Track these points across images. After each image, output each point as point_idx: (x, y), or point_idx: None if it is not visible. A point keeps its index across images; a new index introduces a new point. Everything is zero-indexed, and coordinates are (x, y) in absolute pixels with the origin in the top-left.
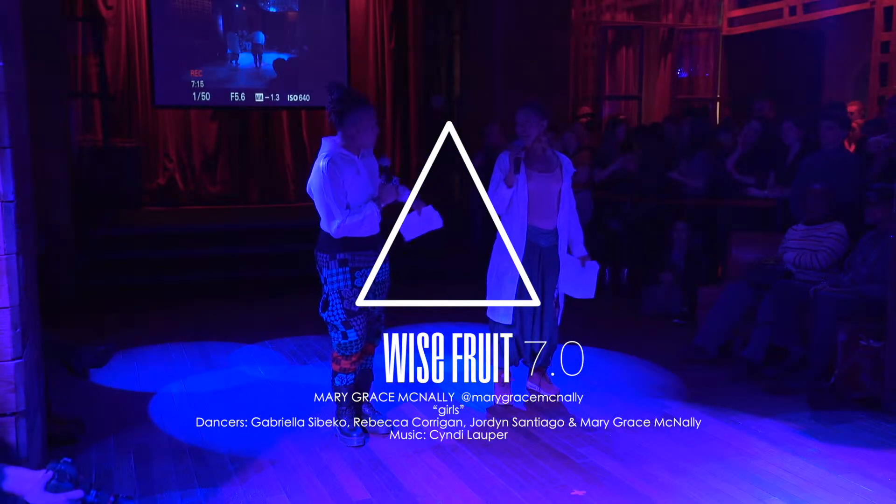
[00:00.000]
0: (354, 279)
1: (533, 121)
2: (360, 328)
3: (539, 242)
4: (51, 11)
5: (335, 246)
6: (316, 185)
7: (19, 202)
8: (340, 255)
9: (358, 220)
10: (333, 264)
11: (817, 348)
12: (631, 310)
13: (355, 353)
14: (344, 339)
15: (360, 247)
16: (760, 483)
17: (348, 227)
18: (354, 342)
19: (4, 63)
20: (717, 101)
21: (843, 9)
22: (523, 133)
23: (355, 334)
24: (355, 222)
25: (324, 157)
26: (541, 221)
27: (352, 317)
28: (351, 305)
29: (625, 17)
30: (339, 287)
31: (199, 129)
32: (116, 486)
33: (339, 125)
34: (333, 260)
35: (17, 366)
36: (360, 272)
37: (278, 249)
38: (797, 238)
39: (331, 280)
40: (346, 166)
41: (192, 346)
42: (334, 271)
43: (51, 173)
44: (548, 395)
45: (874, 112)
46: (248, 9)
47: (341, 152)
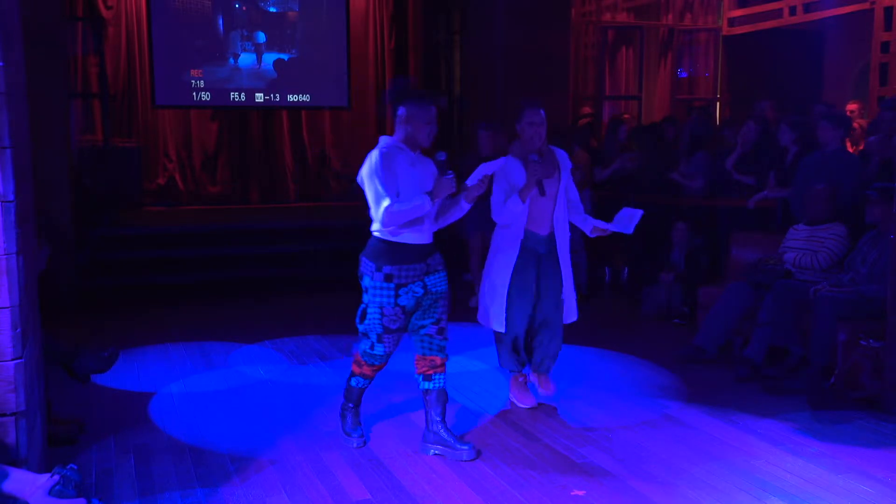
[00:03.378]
0: (399, 297)
1: (545, 122)
2: (391, 345)
3: (537, 249)
4: (51, 11)
5: (382, 256)
6: (366, 171)
7: (19, 202)
8: (387, 269)
9: (408, 208)
10: (378, 277)
11: (817, 348)
12: (631, 310)
13: (378, 364)
14: (371, 349)
15: (409, 259)
16: (760, 483)
17: (397, 214)
18: (381, 356)
19: (4, 63)
20: (717, 101)
21: (843, 9)
22: (537, 135)
23: (383, 349)
24: (405, 210)
25: (377, 147)
26: (539, 228)
27: (387, 333)
28: (390, 323)
29: (625, 17)
30: (382, 303)
31: (199, 129)
32: (116, 486)
33: (396, 120)
34: (379, 272)
35: (17, 366)
36: (406, 289)
37: (278, 249)
38: (798, 238)
39: (373, 293)
40: (401, 157)
41: (192, 346)
42: (378, 285)
43: (51, 173)
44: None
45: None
46: (248, 9)
47: (397, 145)
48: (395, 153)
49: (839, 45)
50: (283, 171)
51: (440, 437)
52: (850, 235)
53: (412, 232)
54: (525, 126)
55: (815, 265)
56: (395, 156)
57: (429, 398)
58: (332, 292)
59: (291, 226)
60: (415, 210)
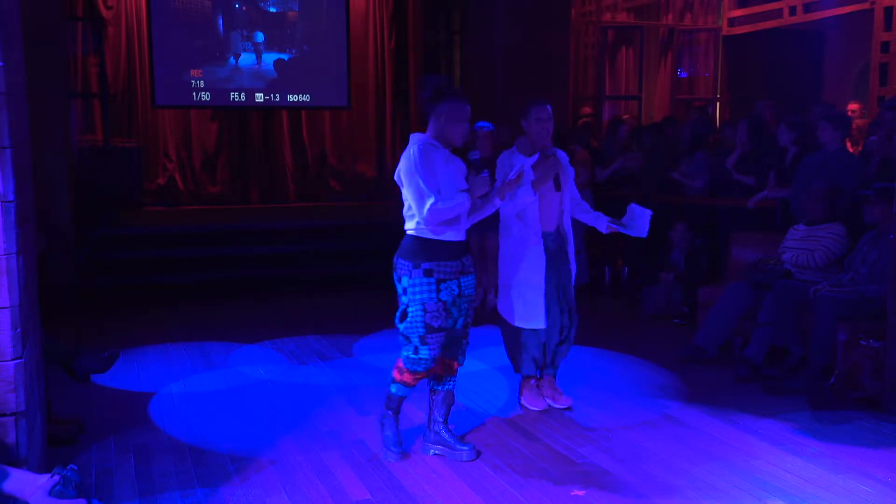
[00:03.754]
0: (440, 291)
1: (552, 118)
2: (435, 347)
3: (548, 246)
4: (51, 11)
5: (420, 254)
6: (406, 168)
7: (19, 202)
8: (426, 265)
9: (451, 206)
10: (417, 273)
11: (817, 348)
12: (631, 310)
13: (422, 371)
14: (414, 353)
15: (447, 256)
16: (760, 483)
17: (440, 212)
18: (424, 360)
19: (4, 63)
20: (717, 101)
21: (843, 9)
22: (545, 130)
23: (428, 353)
24: (447, 208)
25: (414, 143)
26: (547, 224)
27: (430, 333)
28: (433, 320)
29: (625, 17)
30: (423, 299)
31: (199, 129)
32: (116, 486)
33: (431, 116)
34: (417, 269)
35: (17, 366)
36: (445, 284)
37: (278, 249)
38: (797, 238)
39: (413, 291)
40: (437, 154)
41: (192, 346)
42: (418, 281)
43: (51, 173)
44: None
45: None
46: (248, 9)
47: (431, 142)
48: (432, 150)
49: (839, 45)
50: (283, 171)
51: (441, 438)
52: (850, 235)
53: (450, 229)
54: (532, 122)
55: (812, 264)
56: (433, 153)
57: (436, 398)
58: (331, 292)
59: (291, 226)
60: (456, 208)
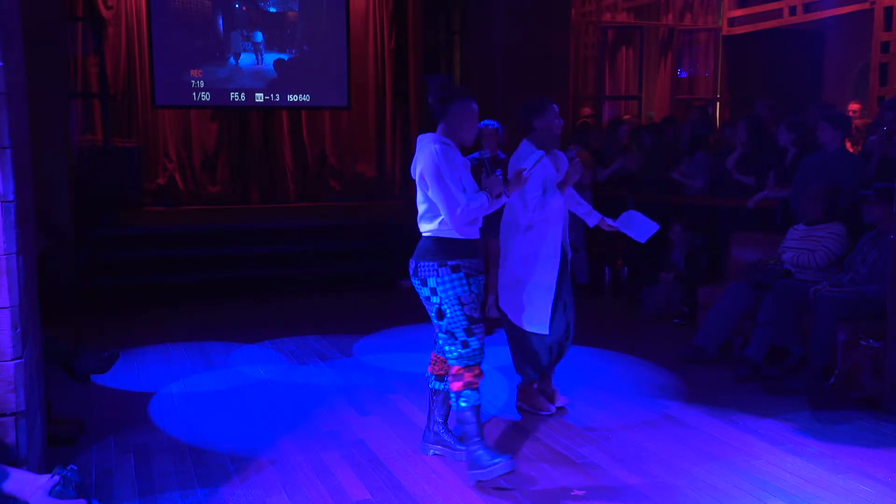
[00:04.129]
0: (470, 285)
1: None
2: (482, 336)
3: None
4: (51, 11)
5: (443, 253)
6: (432, 168)
7: (19, 202)
8: (451, 262)
9: (476, 206)
10: (445, 271)
11: (817, 348)
12: (631, 310)
13: (476, 364)
14: (464, 347)
15: (468, 253)
16: (760, 483)
17: (470, 212)
18: (476, 350)
19: (4, 63)
20: (717, 101)
21: (843, 9)
22: (559, 126)
23: (478, 342)
24: (475, 208)
25: (431, 142)
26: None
27: (474, 323)
28: (472, 311)
29: (625, 17)
30: (458, 293)
31: (199, 129)
32: (116, 486)
33: (441, 117)
34: (444, 267)
35: (17, 366)
36: (473, 279)
37: (278, 249)
38: (797, 238)
39: (443, 288)
40: (456, 153)
41: (192, 346)
42: (447, 278)
43: (51, 173)
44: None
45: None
46: (248, 9)
47: (444, 141)
48: (451, 150)
49: (839, 45)
50: (283, 171)
51: (441, 438)
52: (850, 235)
53: (471, 228)
54: (553, 118)
55: (813, 264)
56: (452, 153)
57: (437, 398)
58: (331, 292)
59: (291, 226)
60: (480, 208)
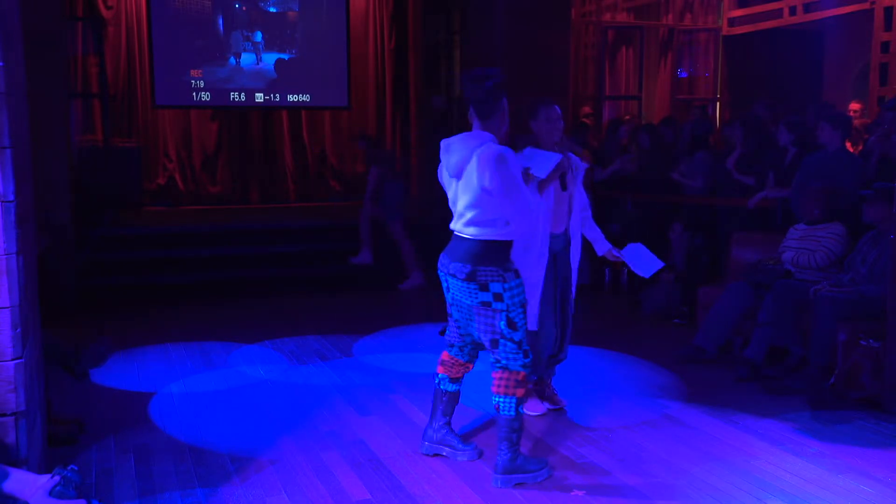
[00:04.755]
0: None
1: (562, 117)
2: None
3: (553, 247)
4: (51, 11)
5: (500, 256)
6: (509, 172)
7: (19, 202)
8: (513, 266)
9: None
10: (510, 276)
11: (817, 348)
12: (631, 310)
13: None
14: (526, 357)
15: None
16: (760, 483)
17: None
18: (532, 360)
19: (4, 63)
20: (717, 101)
21: (843, 9)
22: (556, 129)
23: (531, 352)
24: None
25: (490, 141)
26: (557, 226)
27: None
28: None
29: (625, 17)
30: (522, 300)
31: (199, 129)
32: (116, 487)
33: (483, 115)
34: (510, 272)
35: (17, 366)
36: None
37: (278, 249)
38: (796, 238)
39: (510, 294)
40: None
41: (192, 346)
42: (513, 283)
43: (51, 173)
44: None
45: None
46: (248, 9)
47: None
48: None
49: (839, 45)
50: (283, 171)
51: (442, 438)
52: (850, 235)
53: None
54: (542, 123)
55: (813, 264)
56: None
57: (444, 399)
58: (332, 292)
59: (291, 226)
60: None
